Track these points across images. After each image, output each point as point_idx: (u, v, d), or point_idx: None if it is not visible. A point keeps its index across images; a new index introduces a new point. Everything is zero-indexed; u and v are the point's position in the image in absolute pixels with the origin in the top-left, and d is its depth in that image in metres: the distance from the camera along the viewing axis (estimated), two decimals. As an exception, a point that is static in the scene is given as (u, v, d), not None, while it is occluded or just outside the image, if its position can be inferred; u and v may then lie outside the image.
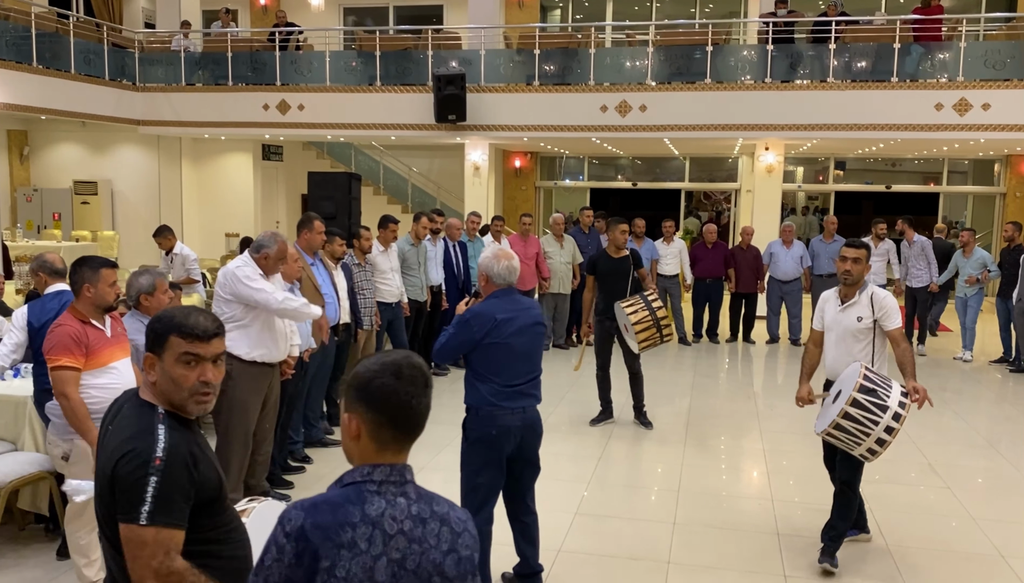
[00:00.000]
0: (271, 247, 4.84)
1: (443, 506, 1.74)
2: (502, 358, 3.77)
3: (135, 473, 1.94)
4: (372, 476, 1.69)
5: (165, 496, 1.94)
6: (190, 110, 14.22)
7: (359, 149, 17.89)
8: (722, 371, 9.73)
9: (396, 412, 1.70)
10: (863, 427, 3.97)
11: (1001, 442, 6.84)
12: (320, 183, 9.43)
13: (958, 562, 4.54)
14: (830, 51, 12.09)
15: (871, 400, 3.98)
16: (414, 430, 1.74)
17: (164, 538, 1.93)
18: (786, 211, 17.03)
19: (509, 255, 3.91)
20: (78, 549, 3.85)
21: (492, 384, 3.77)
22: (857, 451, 4.09)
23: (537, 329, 3.92)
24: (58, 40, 13.17)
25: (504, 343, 3.76)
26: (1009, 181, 15.71)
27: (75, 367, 3.66)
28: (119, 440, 2.01)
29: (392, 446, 1.71)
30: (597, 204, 16.61)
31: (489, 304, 3.84)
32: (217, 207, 15.85)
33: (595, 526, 4.96)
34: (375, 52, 13.63)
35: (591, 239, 10.50)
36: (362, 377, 1.72)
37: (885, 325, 4.40)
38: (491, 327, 3.74)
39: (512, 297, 3.89)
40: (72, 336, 3.67)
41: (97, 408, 3.72)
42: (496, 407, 3.76)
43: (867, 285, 4.51)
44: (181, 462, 1.99)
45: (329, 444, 6.33)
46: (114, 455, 1.98)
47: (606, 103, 12.62)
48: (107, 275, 3.80)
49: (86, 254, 4.15)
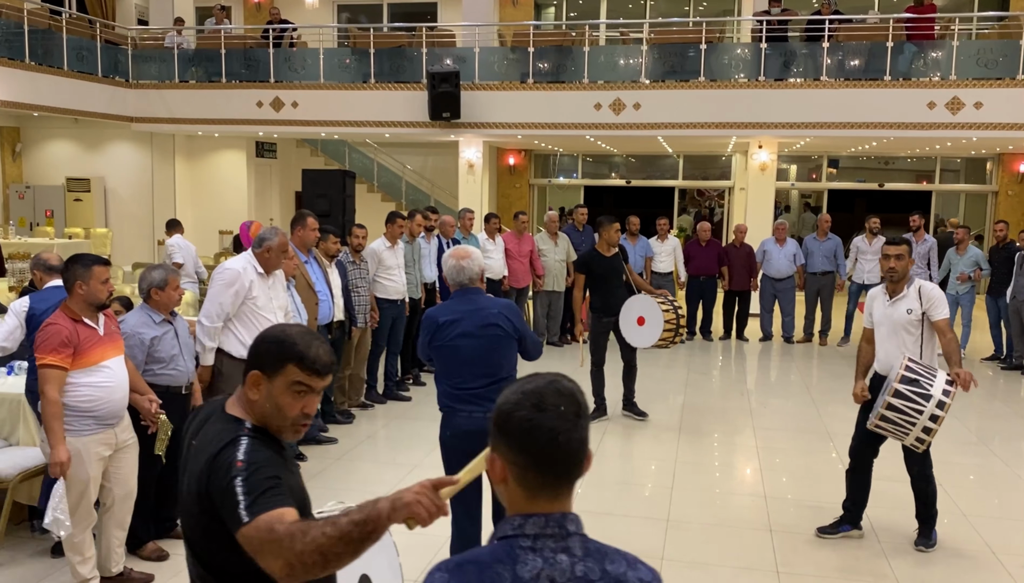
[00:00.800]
0: (272, 239, 4.88)
1: (619, 565, 1.45)
2: (448, 361, 3.73)
3: (222, 483, 1.84)
4: (524, 529, 1.43)
5: (255, 488, 1.81)
6: (183, 107, 14.18)
7: (353, 146, 17.87)
8: (715, 368, 9.75)
9: (540, 452, 1.42)
10: (907, 416, 4.11)
11: (993, 439, 6.88)
12: (314, 180, 9.43)
13: (949, 559, 4.57)
14: (823, 49, 12.12)
15: (913, 390, 4.11)
16: (567, 473, 1.45)
17: (270, 520, 1.78)
18: (779, 209, 17.08)
19: (463, 254, 3.79)
20: (73, 547, 3.85)
21: (445, 386, 3.77)
22: (907, 441, 4.25)
23: (491, 331, 3.72)
24: (51, 36, 13.12)
25: (449, 345, 3.70)
26: (1001, 179, 15.78)
27: (60, 366, 3.64)
28: (205, 457, 1.90)
29: (544, 492, 1.44)
30: (591, 202, 16.62)
31: (440, 307, 3.85)
32: (211, 204, 15.81)
33: (589, 523, 4.90)
34: (369, 49, 13.61)
35: (585, 237, 10.51)
36: (502, 409, 1.45)
37: (932, 315, 4.51)
38: (434, 330, 3.73)
39: (468, 297, 3.78)
40: (61, 335, 3.65)
41: (88, 406, 3.72)
42: (450, 409, 3.76)
43: (913, 279, 4.63)
44: (264, 460, 1.88)
45: (323, 441, 6.32)
46: (202, 475, 1.88)
47: (600, 101, 12.63)
48: (99, 272, 3.78)
49: (79, 251, 4.16)
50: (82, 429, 3.73)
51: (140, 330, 4.25)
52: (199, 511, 1.89)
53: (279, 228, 5.05)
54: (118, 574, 4.03)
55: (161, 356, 4.31)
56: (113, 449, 3.87)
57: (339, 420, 6.78)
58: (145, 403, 4.04)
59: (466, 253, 3.79)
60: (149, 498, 4.34)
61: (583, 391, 1.48)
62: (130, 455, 4.00)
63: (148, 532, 4.38)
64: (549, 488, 1.44)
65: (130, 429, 4.00)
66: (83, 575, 3.86)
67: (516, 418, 1.43)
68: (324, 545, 1.70)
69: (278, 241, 4.90)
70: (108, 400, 3.79)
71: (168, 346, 4.33)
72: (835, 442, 6.61)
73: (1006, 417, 7.64)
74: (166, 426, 4.13)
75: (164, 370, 4.33)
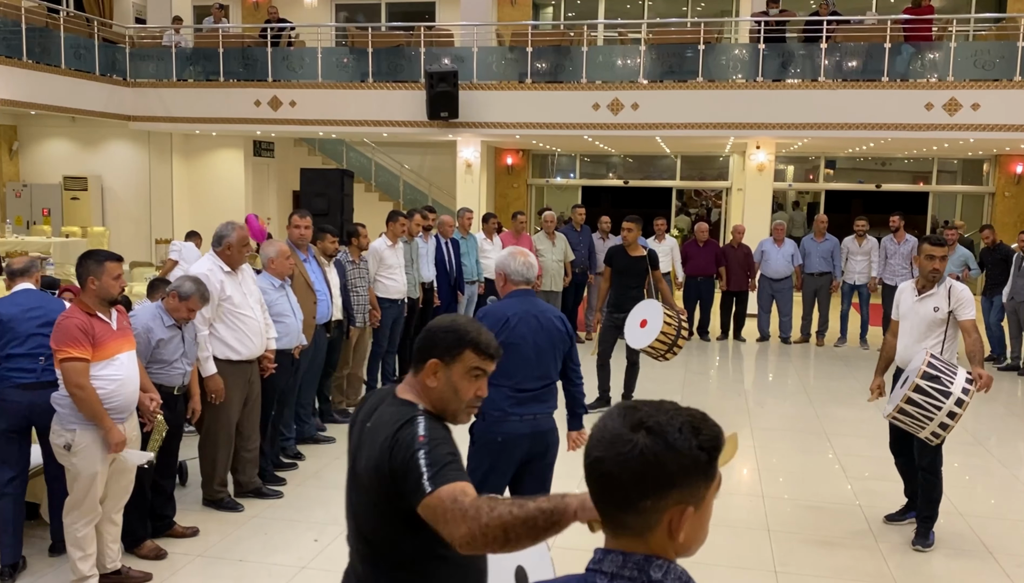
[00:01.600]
0: (230, 234, 4.82)
1: None
2: (515, 359, 3.52)
3: (405, 457, 1.89)
4: (602, 565, 1.32)
5: (437, 461, 1.87)
6: (181, 106, 14.17)
7: (351, 146, 17.86)
8: (713, 368, 9.76)
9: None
10: (925, 412, 4.15)
11: (989, 439, 6.90)
12: (312, 180, 9.42)
13: (946, 559, 4.58)
14: (821, 50, 12.13)
15: (934, 386, 4.15)
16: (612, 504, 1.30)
17: (453, 491, 1.82)
18: (774, 206, 17.11)
19: (526, 252, 3.75)
20: (75, 542, 3.84)
21: (503, 389, 3.51)
22: (922, 434, 4.30)
23: (554, 333, 3.67)
24: (48, 35, 13.10)
25: (516, 343, 3.54)
26: (998, 181, 15.81)
27: (84, 358, 3.69)
28: (384, 435, 1.95)
29: (622, 531, 1.29)
30: (589, 202, 16.61)
31: (504, 303, 3.69)
32: (208, 203, 15.78)
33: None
34: (367, 49, 13.60)
35: (583, 237, 10.52)
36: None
37: (959, 315, 4.57)
38: (502, 326, 3.54)
39: (530, 299, 3.71)
40: (78, 327, 3.69)
41: (103, 399, 3.73)
42: (505, 413, 3.56)
43: (945, 278, 4.69)
44: (442, 437, 1.95)
45: (321, 441, 6.32)
46: (383, 452, 1.93)
47: (598, 101, 12.63)
48: (112, 268, 3.83)
49: (77, 250, 4.17)
50: (96, 424, 3.75)
51: (151, 325, 4.30)
52: (374, 487, 1.96)
53: (236, 223, 4.97)
54: (114, 571, 4.02)
55: (162, 358, 4.35)
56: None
57: (337, 419, 6.78)
58: (146, 401, 4.06)
59: (526, 251, 3.77)
60: (146, 497, 4.35)
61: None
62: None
63: (146, 531, 4.38)
64: (623, 528, 1.30)
65: (136, 426, 4.03)
66: (83, 572, 3.85)
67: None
68: (508, 523, 1.74)
69: (236, 236, 4.83)
70: (121, 393, 3.81)
71: (172, 350, 4.38)
72: (832, 442, 6.62)
73: (1003, 417, 7.66)
74: (161, 427, 4.13)
75: (161, 370, 4.36)
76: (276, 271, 5.40)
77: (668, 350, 6.91)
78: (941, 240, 4.69)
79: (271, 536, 4.65)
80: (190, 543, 4.52)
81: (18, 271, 4.46)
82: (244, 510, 4.96)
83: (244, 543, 4.57)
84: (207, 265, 4.82)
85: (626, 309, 7.02)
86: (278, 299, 5.38)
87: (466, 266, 9.18)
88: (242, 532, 4.70)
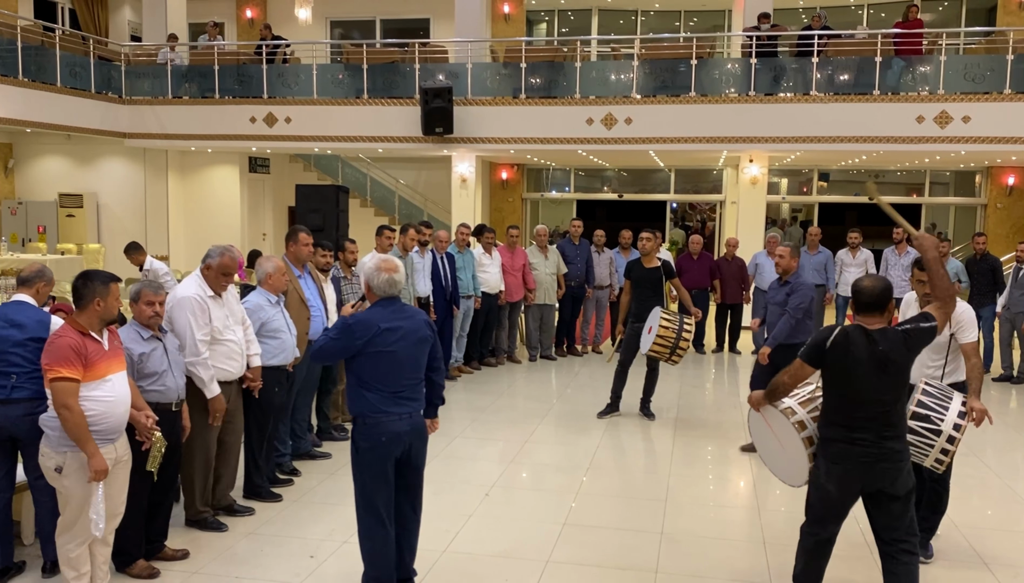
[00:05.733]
0: (213, 259, 4.76)
1: None
2: (387, 366, 3.82)
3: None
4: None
5: None
6: (176, 123, 14.21)
7: (346, 161, 17.91)
8: (708, 381, 9.78)
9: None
10: (918, 449, 4.04)
11: (985, 451, 6.91)
12: (308, 196, 9.45)
13: (942, 570, 4.59)
14: (813, 64, 12.22)
15: (923, 426, 4.01)
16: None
17: None
18: (767, 222, 17.17)
19: (392, 267, 3.91)
20: (68, 562, 3.83)
21: (379, 392, 3.82)
22: (927, 462, 4.14)
23: (424, 339, 3.95)
24: (44, 53, 13.15)
25: (389, 351, 3.81)
26: (990, 192, 15.91)
27: (74, 378, 3.66)
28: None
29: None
30: (583, 215, 16.64)
31: (373, 312, 3.88)
32: (204, 220, 15.81)
33: (583, 536, 4.98)
34: (362, 65, 13.67)
35: (581, 250, 10.55)
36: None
37: (960, 338, 4.56)
38: (374, 335, 3.79)
39: (396, 306, 3.92)
40: (71, 347, 3.67)
41: (91, 420, 3.71)
42: (384, 413, 3.82)
43: None
44: None
45: (317, 457, 6.31)
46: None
47: (592, 116, 12.70)
48: (116, 290, 3.88)
49: (72, 267, 4.17)
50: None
51: (128, 346, 4.22)
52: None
53: (230, 249, 4.83)
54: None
55: (149, 372, 4.28)
56: (112, 464, 3.85)
57: (335, 436, 6.77)
58: (142, 418, 4.03)
59: (393, 266, 3.93)
60: (140, 515, 4.30)
61: None
62: (123, 472, 3.98)
63: (139, 550, 4.34)
64: None
65: (127, 446, 3.98)
66: None
67: None
68: None
69: (218, 262, 4.72)
70: (111, 414, 3.79)
71: (156, 363, 4.30)
72: (828, 454, 6.62)
73: (998, 428, 7.67)
74: (160, 443, 4.10)
75: (152, 386, 4.28)
76: (272, 287, 5.41)
77: (671, 352, 7.18)
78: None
79: (267, 553, 4.64)
80: (186, 560, 4.50)
81: (21, 279, 4.43)
82: (228, 530, 4.88)
83: (239, 560, 4.55)
84: (192, 289, 4.70)
85: (645, 318, 7.47)
86: (274, 315, 5.38)
87: (462, 280, 9.20)
88: (237, 549, 4.69)
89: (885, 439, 3.60)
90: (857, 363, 3.57)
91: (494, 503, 5.51)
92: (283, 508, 5.30)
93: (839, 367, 3.62)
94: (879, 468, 3.60)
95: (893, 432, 3.63)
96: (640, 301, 7.53)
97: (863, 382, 3.57)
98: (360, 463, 3.87)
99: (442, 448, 6.52)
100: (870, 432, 3.59)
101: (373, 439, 3.83)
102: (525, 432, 7.13)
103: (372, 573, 3.92)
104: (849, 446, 3.61)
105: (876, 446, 3.59)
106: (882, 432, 3.60)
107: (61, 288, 8.53)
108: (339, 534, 4.88)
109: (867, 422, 3.59)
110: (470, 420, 7.53)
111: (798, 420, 3.93)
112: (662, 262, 7.62)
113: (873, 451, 3.59)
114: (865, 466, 3.60)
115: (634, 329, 7.54)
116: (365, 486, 3.88)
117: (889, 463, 3.60)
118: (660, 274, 7.55)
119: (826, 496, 3.73)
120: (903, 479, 3.65)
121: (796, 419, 3.94)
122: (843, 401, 3.64)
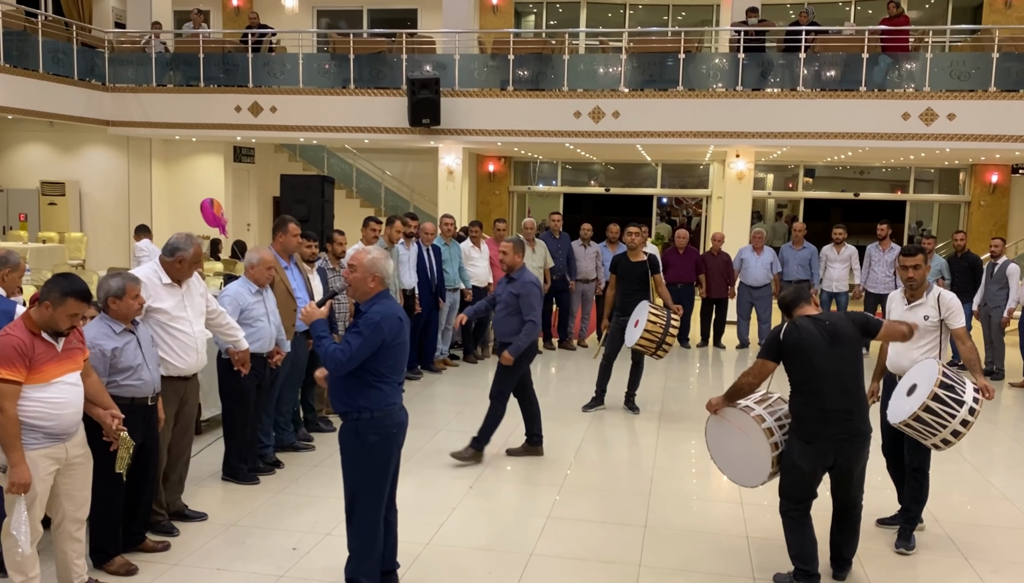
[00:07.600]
0: (187, 250, 4.56)
1: None
2: (401, 357, 3.87)
3: None
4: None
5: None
6: (160, 111, 14.08)
7: (332, 152, 17.82)
8: (693, 375, 9.81)
9: None
10: (941, 420, 4.25)
11: (963, 445, 6.96)
12: (293, 186, 9.39)
13: (922, 565, 4.62)
14: (800, 60, 12.26)
15: (950, 395, 4.26)
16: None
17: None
18: (754, 217, 17.24)
19: (385, 256, 3.96)
20: (15, 566, 3.64)
21: (392, 384, 3.83)
22: (929, 441, 4.39)
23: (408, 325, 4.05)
24: (26, 39, 12.98)
25: (404, 342, 3.87)
26: (974, 190, 16.03)
27: (14, 380, 3.49)
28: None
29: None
30: (570, 209, 16.69)
31: (387, 305, 3.84)
32: (187, 209, 15.65)
33: (567, 530, 4.98)
34: (349, 55, 13.59)
35: (562, 244, 10.54)
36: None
37: (951, 324, 4.76)
38: (400, 327, 3.82)
39: (392, 298, 3.96)
40: (15, 347, 3.50)
41: (39, 423, 3.58)
42: (393, 405, 3.83)
43: (932, 286, 4.87)
44: None
45: (300, 448, 6.28)
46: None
47: (579, 109, 12.69)
48: (74, 306, 3.62)
49: (54, 256, 4.07)
50: (30, 443, 3.57)
51: (99, 341, 4.09)
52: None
53: (194, 237, 4.67)
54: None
55: (123, 366, 4.16)
56: (63, 464, 3.71)
57: (322, 428, 6.74)
58: (107, 418, 3.88)
59: (386, 256, 3.97)
60: (116, 512, 4.21)
61: None
62: (82, 471, 3.83)
63: (116, 547, 4.26)
64: None
65: (83, 445, 3.83)
66: None
67: None
68: None
69: (193, 253, 4.57)
70: (58, 416, 3.63)
71: (130, 356, 4.18)
72: (811, 449, 6.66)
73: (977, 424, 7.72)
74: (127, 443, 3.94)
75: (128, 380, 4.17)
76: (255, 278, 5.37)
77: (658, 347, 7.22)
78: (911, 250, 4.84)
79: (249, 545, 4.62)
80: (167, 552, 4.47)
81: None
82: (179, 534, 4.67)
83: (221, 552, 4.52)
84: (145, 273, 4.54)
85: (629, 312, 7.49)
86: (255, 304, 5.36)
87: (448, 273, 9.18)
88: (219, 540, 4.66)
89: (852, 416, 4.02)
90: (813, 342, 4.02)
91: (478, 496, 5.50)
92: (266, 500, 5.27)
93: (798, 352, 4.06)
94: (847, 445, 4.03)
95: (860, 411, 4.08)
96: (626, 295, 7.55)
97: (822, 359, 4.01)
98: (368, 457, 3.78)
99: (427, 441, 6.50)
100: (839, 408, 4.00)
101: (384, 432, 3.79)
102: (510, 425, 7.12)
103: (363, 566, 3.87)
104: (823, 426, 4.01)
105: (845, 425, 4.01)
106: (850, 408, 4.03)
107: (42, 277, 8.44)
108: (323, 526, 4.86)
109: (834, 397, 4.00)
110: (455, 413, 7.52)
111: (756, 414, 4.27)
112: (648, 256, 7.66)
113: (843, 429, 4.01)
114: (837, 444, 4.02)
115: (619, 323, 7.57)
116: (374, 480, 3.81)
117: (859, 440, 4.07)
118: (646, 268, 7.58)
119: (801, 476, 4.10)
120: (865, 452, 4.14)
121: (755, 413, 4.27)
122: (809, 380, 4.05)
